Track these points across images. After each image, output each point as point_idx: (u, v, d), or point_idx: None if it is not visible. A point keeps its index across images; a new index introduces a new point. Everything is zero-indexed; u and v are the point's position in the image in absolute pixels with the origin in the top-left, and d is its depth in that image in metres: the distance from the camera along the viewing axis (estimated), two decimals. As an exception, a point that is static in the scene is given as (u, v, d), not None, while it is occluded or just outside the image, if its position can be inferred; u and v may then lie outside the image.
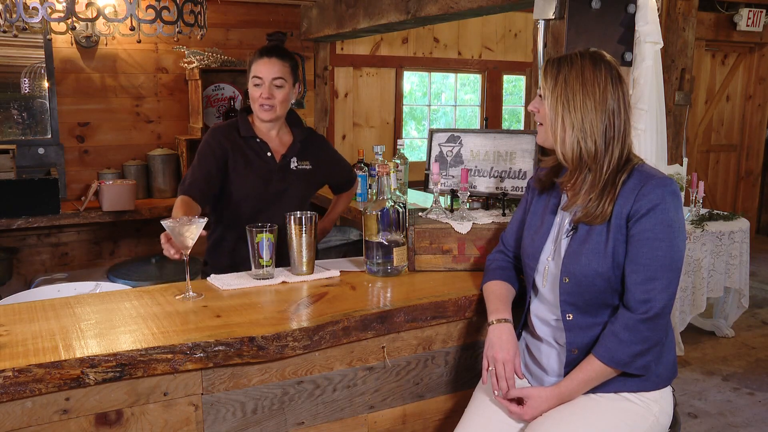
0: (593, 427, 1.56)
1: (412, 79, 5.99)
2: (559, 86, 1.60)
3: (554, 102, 1.60)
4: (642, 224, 1.54)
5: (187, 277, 1.86)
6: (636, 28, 2.14)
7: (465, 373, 1.94)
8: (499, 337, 1.68)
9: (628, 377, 1.59)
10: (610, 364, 1.56)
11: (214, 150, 2.39)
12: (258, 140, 2.45)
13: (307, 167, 2.52)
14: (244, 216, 2.38)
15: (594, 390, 1.61)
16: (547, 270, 1.69)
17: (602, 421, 1.57)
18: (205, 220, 1.87)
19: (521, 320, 1.82)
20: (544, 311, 1.72)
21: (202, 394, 1.57)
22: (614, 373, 1.58)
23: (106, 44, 4.26)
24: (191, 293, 1.82)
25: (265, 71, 2.35)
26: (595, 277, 1.58)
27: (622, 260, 1.57)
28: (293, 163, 2.49)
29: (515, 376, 1.66)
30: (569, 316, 1.63)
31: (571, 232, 1.65)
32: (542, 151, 2.29)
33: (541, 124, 1.69)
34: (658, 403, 1.61)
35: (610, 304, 1.61)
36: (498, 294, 1.79)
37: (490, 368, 1.67)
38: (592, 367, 1.58)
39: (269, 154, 2.45)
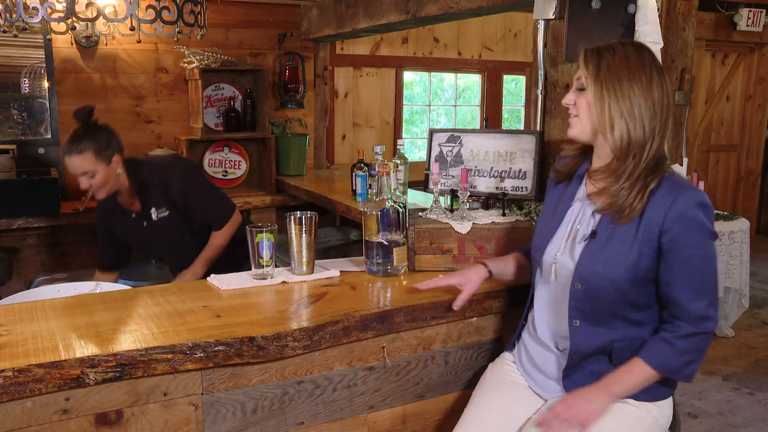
0: (591, 429, 1.55)
1: (412, 79, 5.98)
2: (603, 73, 1.53)
3: (599, 89, 1.53)
4: (684, 241, 1.48)
5: None
6: (636, 28, 2.14)
7: (465, 373, 1.94)
8: (466, 269, 1.84)
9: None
10: (662, 370, 1.53)
11: (104, 224, 2.80)
12: (120, 211, 2.70)
13: (165, 214, 2.65)
14: (139, 256, 3.01)
15: None
16: (556, 269, 1.65)
17: (600, 424, 1.55)
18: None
19: (522, 316, 1.81)
20: (548, 312, 1.69)
21: (202, 394, 1.57)
22: (657, 379, 1.55)
23: (106, 44, 4.25)
24: None
25: (73, 168, 2.50)
26: (609, 288, 1.53)
27: (644, 275, 1.52)
28: (154, 214, 2.65)
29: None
30: (576, 323, 1.59)
31: (589, 237, 1.59)
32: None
33: (575, 115, 1.62)
34: (658, 406, 1.61)
35: (620, 315, 1.56)
36: (504, 256, 1.90)
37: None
38: (641, 372, 1.53)
39: (133, 215, 2.69)
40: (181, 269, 2.71)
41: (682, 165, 4.25)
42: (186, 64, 4.45)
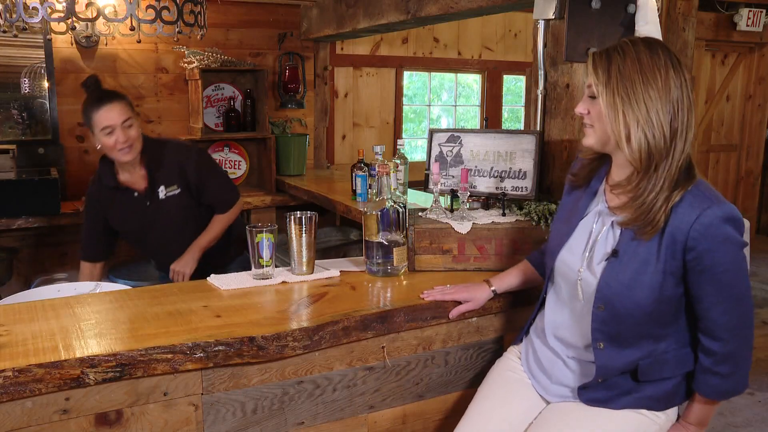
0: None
1: (412, 79, 5.99)
2: (614, 78, 1.43)
3: (611, 97, 1.43)
4: (712, 259, 1.41)
5: None
6: (636, 28, 2.14)
7: (465, 373, 1.94)
8: (473, 285, 1.87)
9: (640, 396, 1.56)
10: (722, 398, 1.55)
11: (94, 206, 2.66)
12: (121, 188, 2.58)
13: (176, 191, 2.59)
14: (131, 244, 2.86)
15: (605, 405, 1.57)
16: (582, 287, 1.57)
17: (602, 429, 1.55)
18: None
19: (532, 315, 1.79)
20: (565, 328, 1.64)
21: (202, 394, 1.57)
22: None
23: (106, 44, 4.25)
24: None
25: (113, 118, 2.39)
26: (635, 310, 1.47)
27: (671, 293, 1.47)
28: (162, 193, 2.58)
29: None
30: (600, 345, 1.54)
31: (611, 257, 1.51)
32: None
33: (591, 125, 1.52)
34: (666, 413, 1.58)
35: (646, 334, 1.52)
36: (511, 268, 1.90)
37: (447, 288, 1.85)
38: (710, 405, 1.56)
39: (136, 194, 2.59)
40: (171, 260, 2.64)
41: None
42: (186, 64, 4.45)
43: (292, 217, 1.98)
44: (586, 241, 1.59)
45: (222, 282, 1.94)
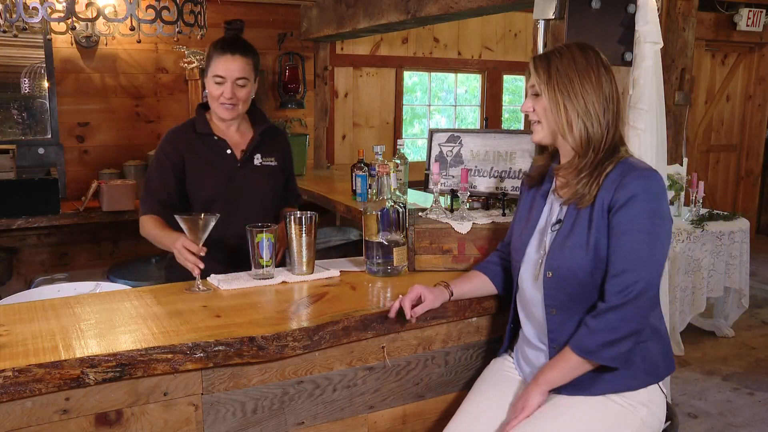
0: (571, 428, 1.56)
1: (412, 79, 5.99)
2: (554, 77, 1.60)
3: (552, 93, 1.60)
4: (621, 216, 1.54)
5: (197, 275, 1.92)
6: (636, 28, 2.14)
7: (465, 373, 1.94)
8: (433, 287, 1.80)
9: (612, 376, 1.57)
10: (577, 352, 1.56)
11: (169, 154, 2.29)
12: (215, 138, 2.33)
13: (273, 163, 2.41)
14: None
15: (580, 392, 1.59)
16: (533, 264, 1.69)
17: (582, 423, 1.56)
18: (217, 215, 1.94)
19: (509, 318, 1.82)
20: (530, 309, 1.72)
21: (202, 394, 1.57)
22: (588, 365, 1.56)
23: (106, 44, 4.25)
24: (201, 287, 1.90)
25: (228, 70, 2.22)
26: (577, 271, 1.58)
27: (604, 254, 1.56)
28: (257, 160, 2.38)
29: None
30: (552, 311, 1.64)
31: (557, 226, 1.66)
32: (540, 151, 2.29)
33: (538, 121, 1.68)
34: (646, 407, 1.59)
35: (594, 301, 1.60)
36: (464, 275, 1.89)
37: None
38: (568, 357, 1.57)
39: (228, 151, 2.34)
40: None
41: (682, 165, 4.26)
42: (186, 64, 4.44)
43: (292, 217, 1.98)
44: (543, 226, 1.71)
45: (222, 282, 1.94)
